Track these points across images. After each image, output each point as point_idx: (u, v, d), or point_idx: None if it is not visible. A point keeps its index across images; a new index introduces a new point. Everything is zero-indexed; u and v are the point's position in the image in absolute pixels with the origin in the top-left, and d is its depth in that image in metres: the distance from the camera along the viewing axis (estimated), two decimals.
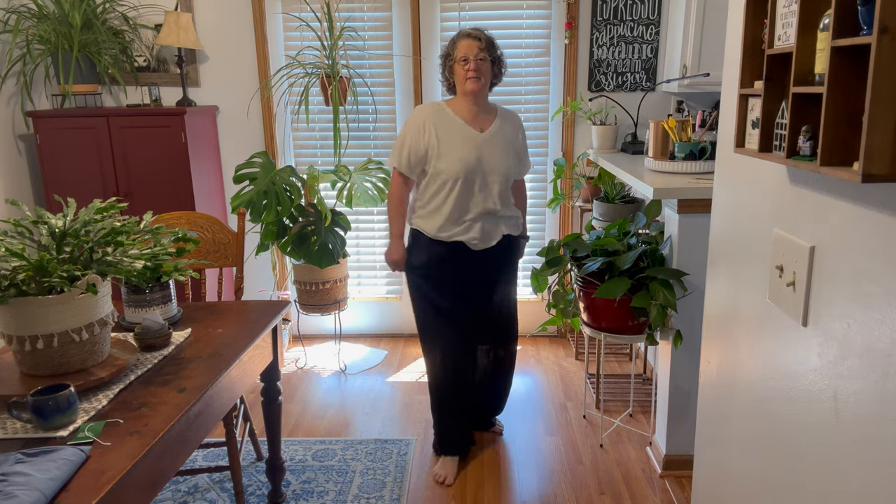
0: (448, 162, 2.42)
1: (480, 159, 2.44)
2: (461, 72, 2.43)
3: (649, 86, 3.61)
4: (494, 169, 2.46)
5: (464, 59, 2.41)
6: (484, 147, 2.46)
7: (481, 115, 2.50)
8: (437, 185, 2.46)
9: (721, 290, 1.66)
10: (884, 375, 0.97)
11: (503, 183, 2.50)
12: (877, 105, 0.88)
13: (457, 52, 2.43)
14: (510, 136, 2.54)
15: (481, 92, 2.46)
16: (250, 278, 3.92)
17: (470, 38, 2.42)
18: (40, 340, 1.49)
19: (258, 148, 3.76)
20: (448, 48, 2.49)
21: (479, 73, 2.41)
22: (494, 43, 2.48)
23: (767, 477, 1.38)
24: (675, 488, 2.48)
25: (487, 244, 2.54)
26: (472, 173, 2.43)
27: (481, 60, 2.42)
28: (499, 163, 2.47)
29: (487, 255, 2.57)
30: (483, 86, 2.45)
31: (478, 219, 2.49)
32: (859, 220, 1.04)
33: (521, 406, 3.16)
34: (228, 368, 1.71)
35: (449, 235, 2.49)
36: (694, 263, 2.38)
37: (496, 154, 2.48)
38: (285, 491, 2.46)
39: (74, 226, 1.58)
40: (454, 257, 2.53)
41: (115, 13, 3.54)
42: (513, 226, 2.61)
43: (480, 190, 2.47)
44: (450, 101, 2.52)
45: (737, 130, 1.34)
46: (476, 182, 2.46)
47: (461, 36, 2.45)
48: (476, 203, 2.48)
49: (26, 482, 1.15)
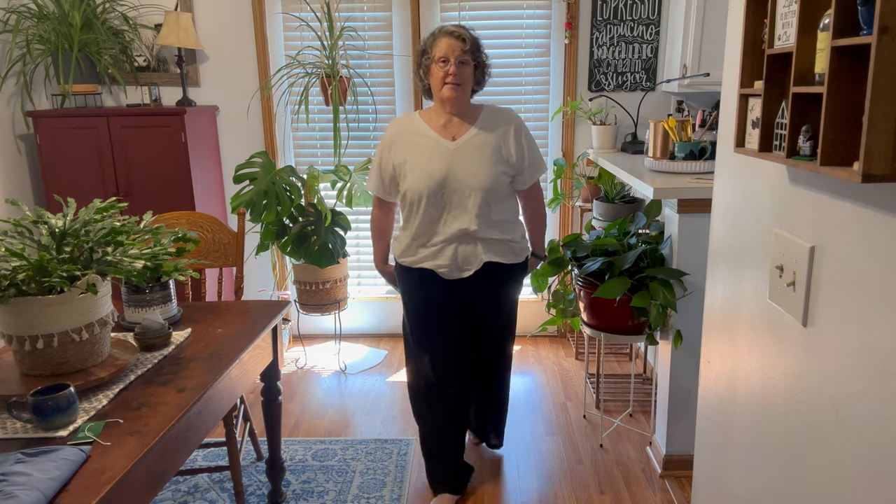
0: (412, 179, 2.15)
1: (450, 173, 2.13)
2: (439, 74, 2.12)
3: (649, 86, 3.61)
4: (467, 183, 2.13)
5: (443, 59, 2.11)
6: (455, 158, 2.14)
7: (455, 122, 2.20)
8: (406, 205, 2.22)
9: (721, 290, 1.66)
10: (884, 375, 0.97)
11: (484, 198, 2.15)
12: (877, 105, 0.88)
13: (435, 51, 2.13)
14: (493, 141, 2.18)
15: (458, 100, 2.16)
16: (250, 278, 3.92)
17: (452, 36, 2.12)
18: (40, 340, 1.49)
19: (258, 148, 3.76)
20: (426, 44, 2.18)
21: (459, 78, 2.11)
22: (480, 45, 2.19)
23: (767, 477, 1.38)
24: (675, 488, 2.48)
25: (461, 273, 2.22)
26: (439, 189, 2.13)
27: (462, 64, 2.12)
28: (473, 175, 2.13)
29: (464, 285, 2.24)
30: (463, 94, 2.16)
31: (450, 241, 2.19)
32: (859, 220, 1.04)
33: (521, 406, 3.16)
34: (228, 368, 1.71)
35: (413, 261, 2.24)
36: (694, 263, 2.38)
37: (470, 165, 2.14)
38: (285, 491, 2.46)
39: (74, 226, 1.58)
40: (426, 287, 2.26)
41: (115, 13, 3.54)
42: (502, 251, 2.23)
43: (452, 208, 2.16)
44: (425, 111, 2.27)
45: (737, 130, 1.34)
46: (444, 199, 2.15)
47: (443, 33, 2.14)
48: (446, 223, 2.17)
49: (26, 482, 1.15)
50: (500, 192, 2.19)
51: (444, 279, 2.24)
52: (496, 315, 2.40)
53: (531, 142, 2.27)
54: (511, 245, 2.26)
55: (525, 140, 2.25)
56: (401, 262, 2.31)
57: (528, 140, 2.26)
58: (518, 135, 2.23)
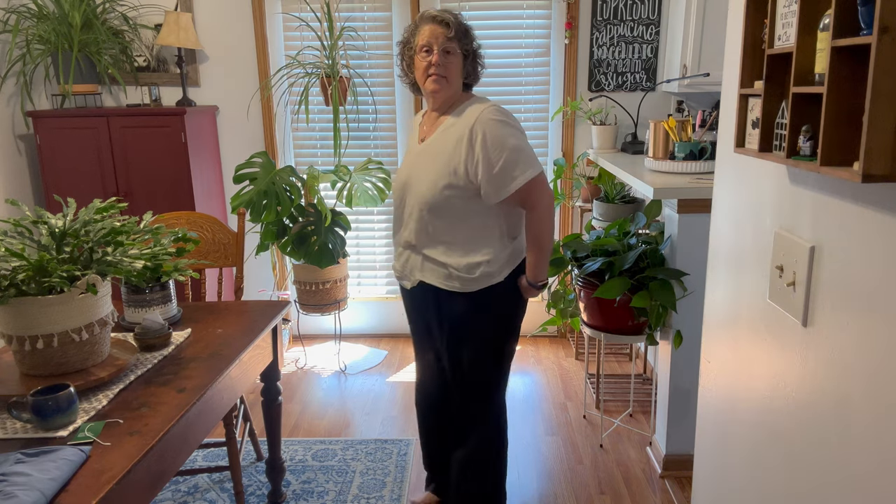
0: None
1: (408, 180, 1.96)
2: (422, 65, 1.87)
3: (649, 86, 3.61)
4: (414, 191, 1.93)
5: (426, 47, 1.85)
6: (415, 164, 1.96)
7: (437, 118, 1.98)
8: None
9: (721, 290, 1.66)
10: (884, 375, 0.97)
11: (423, 212, 1.90)
12: (877, 105, 0.88)
13: (417, 39, 1.88)
14: (448, 148, 1.87)
15: (443, 94, 1.90)
16: (250, 278, 3.92)
17: (435, 22, 1.85)
18: (40, 340, 1.49)
19: (258, 148, 3.76)
20: (408, 33, 1.93)
21: (443, 69, 1.85)
22: (469, 31, 1.91)
23: (768, 477, 1.38)
24: (675, 488, 2.48)
25: (405, 282, 2.08)
26: (398, 195, 2.01)
27: (447, 53, 1.85)
28: (420, 184, 1.90)
29: (415, 296, 2.08)
30: (448, 87, 1.89)
31: (404, 247, 2.04)
32: (859, 220, 1.04)
33: (521, 406, 3.16)
34: (228, 368, 1.71)
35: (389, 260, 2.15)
36: (694, 263, 2.38)
37: (422, 173, 1.92)
38: (285, 491, 2.46)
39: (74, 226, 1.58)
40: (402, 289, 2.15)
41: (115, 13, 3.54)
42: (438, 275, 1.94)
43: (402, 215, 2.01)
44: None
45: (737, 130, 1.34)
46: (400, 205, 2.01)
47: (424, 19, 1.88)
48: (403, 229, 2.02)
49: (26, 482, 1.15)
50: (443, 209, 1.88)
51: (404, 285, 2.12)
52: (453, 351, 2.02)
53: (497, 148, 1.81)
54: (450, 270, 1.92)
55: (483, 148, 1.81)
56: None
57: (493, 146, 1.81)
58: (472, 142, 1.83)
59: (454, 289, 1.93)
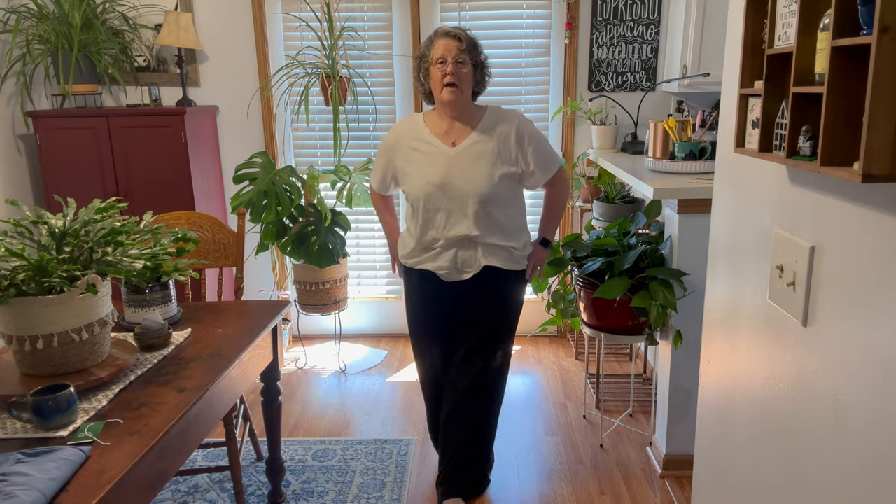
0: (411, 185, 2.20)
1: (447, 180, 2.15)
2: (438, 75, 2.13)
3: (649, 86, 3.61)
4: (465, 189, 2.14)
5: (441, 60, 2.12)
6: (453, 165, 2.16)
7: (457, 127, 2.20)
8: (410, 203, 2.26)
9: (721, 290, 1.66)
10: (884, 375, 0.97)
11: (482, 204, 2.15)
12: (877, 105, 0.88)
13: (433, 53, 2.14)
14: (493, 146, 2.17)
15: (458, 103, 2.16)
16: (250, 278, 3.92)
17: (449, 37, 2.13)
18: (40, 340, 1.49)
19: (258, 148, 3.76)
20: (424, 48, 2.20)
21: (456, 79, 2.11)
22: (478, 45, 2.18)
23: (767, 477, 1.38)
24: (675, 488, 2.48)
25: (460, 276, 2.24)
26: (437, 196, 2.16)
27: (460, 63, 2.11)
28: (471, 182, 2.14)
29: (463, 288, 2.26)
30: (461, 96, 2.15)
31: (449, 246, 2.21)
32: (859, 220, 1.04)
33: (521, 406, 3.16)
34: (228, 368, 1.71)
35: (416, 262, 2.27)
36: (694, 263, 2.38)
37: (468, 172, 2.15)
38: (285, 491, 2.46)
39: (74, 226, 1.58)
40: (426, 288, 2.29)
41: (115, 13, 3.54)
42: (502, 257, 2.23)
43: (451, 214, 2.17)
44: (429, 113, 2.27)
45: (737, 130, 1.34)
46: (443, 206, 2.17)
47: (439, 35, 2.16)
48: (446, 228, 2.19)
49: (26, 482, 1.15)
50: (499, 199, 2.18)
51: (444, 281, 2.27)
52: (492, 317, 2.31)
53: (538, 142, 2.21)
54: (512, 252, 2.24)
55: (529, 143, 2.19)
56: (403, 261, 2.35)
57: (535, 141, 2.20)
58: (521, 138, 2.18)
59: (514, 267, 2.27)
